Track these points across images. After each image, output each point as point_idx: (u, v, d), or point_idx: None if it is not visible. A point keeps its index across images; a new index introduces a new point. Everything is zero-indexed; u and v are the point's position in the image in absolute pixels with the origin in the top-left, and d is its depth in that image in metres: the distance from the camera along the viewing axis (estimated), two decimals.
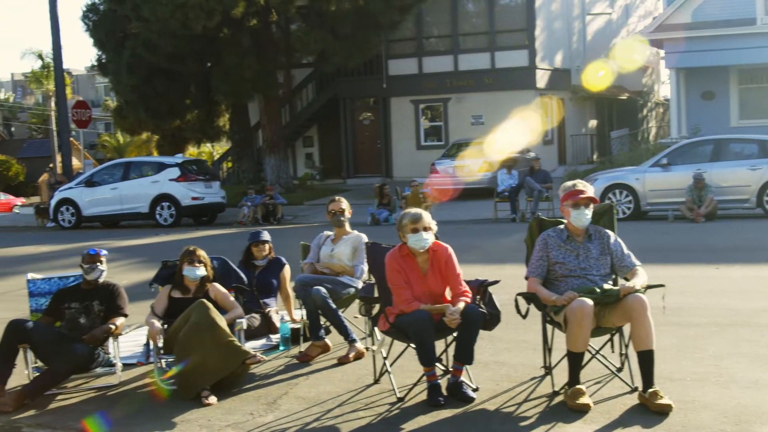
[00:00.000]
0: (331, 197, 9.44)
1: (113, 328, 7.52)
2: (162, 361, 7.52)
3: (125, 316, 7.79)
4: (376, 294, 7.37)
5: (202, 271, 7.93)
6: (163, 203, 26.63)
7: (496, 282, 7.02)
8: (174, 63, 30.44)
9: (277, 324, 9.02)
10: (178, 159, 28.62)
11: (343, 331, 8.17)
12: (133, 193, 26.99)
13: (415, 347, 6.65)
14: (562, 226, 6.84)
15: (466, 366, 6.76)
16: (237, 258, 9.39)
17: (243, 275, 8.86)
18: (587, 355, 6.49)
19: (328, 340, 8.34)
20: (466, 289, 6.77)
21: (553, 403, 6.42)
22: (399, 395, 6.74)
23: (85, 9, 33.70)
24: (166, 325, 7.62)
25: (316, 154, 39.37)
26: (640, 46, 38.63)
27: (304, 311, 8.39)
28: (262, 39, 31.68)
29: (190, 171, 27.36)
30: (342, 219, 8.95)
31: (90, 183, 27.71)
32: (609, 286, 6.46)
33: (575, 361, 6.31)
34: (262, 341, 8.84)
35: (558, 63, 36.73)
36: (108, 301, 7.73)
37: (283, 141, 34.11)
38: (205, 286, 7.96)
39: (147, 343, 7.83)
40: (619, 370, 6.86)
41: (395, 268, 6.79)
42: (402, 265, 6.79)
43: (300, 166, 38.88)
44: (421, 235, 6.74)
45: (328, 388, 7.16)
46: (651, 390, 6.09)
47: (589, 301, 6.22)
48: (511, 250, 14.95)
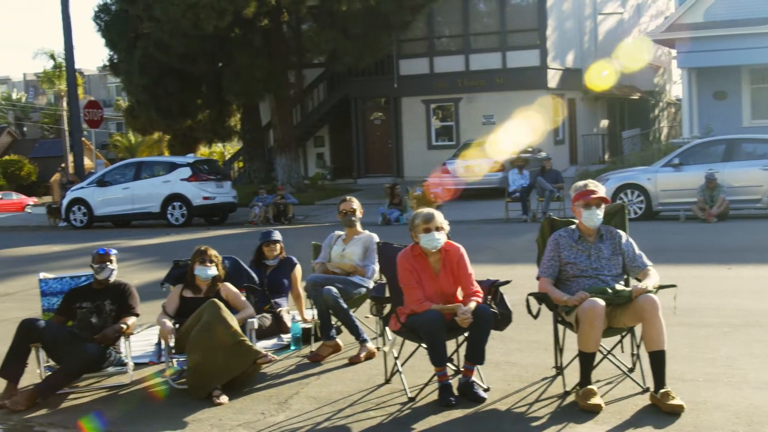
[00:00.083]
0: (342, 197, 9.44)
1: (125, 327, 7.54)
2: (173, 360, 7.55)
3: (137, 315, 7.81)
4: (387, 294, 7.38)
5: (213, 271, 7.94)
6: (174, 203, 26.69)
7: (508, 282, 7.01)
8: (185, 63, 30.51)
9: (288, 324, 9.03)
10: (190, 159, 28.64)
11: (354, 331, 8.17)
12: (144, 193, 27.04)
13: (426, 347, 6.65)
14: (574, 226, 6.82)
15: (478, 366, 6.76)
16: (248, 258, 9.39)
17: (254, 275, 8.86)
18: (599, 356, 6.47)
19: (339, 340, 8.34)
20: (478, 289, 6.77)
21: (565, 403, 6.41)
22: (410, 395, 6.73)
23: (96, 9, 33.81)
24: (177, 325, 7.63)
25: (327, 153, 39.37)
26: (645, 46, 38.59)
27: (315, 311, 8.39)
28: (273, 39, 31.71)
29: (202, 171, 27.40)
30: (353, 219, 8.95)
31: (102, 183, 27.79)
32: (621, 287, 6.44)
33: (587, 362, 6.30)
34: (273, 341, 8.85)
35: (569, 63, 36.65)
36: (119, 301, 7.75)
37: (294, 141, 34.13)
38: (216, 285, 7.97)
39: (158, 343, 7.84)
40: (631, 370, 6.85)
41: (407, 267, 6.78)
42: (414, 265, 6.79)
43: (311, 165, 38.89)
44: (434, 235, 6.74)
45: (339, 388, 7.16)
46: (663, 390, 6.08)
47: (601, 302, 6.20)
48: (523, 250, 14.92)
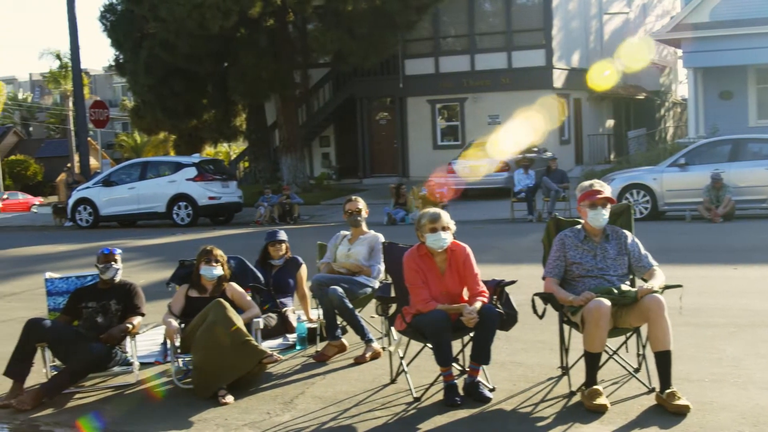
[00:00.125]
0: (347, 197, 9.44)
1: (130, 327, 7.55)
2: (179, 360, 7.55)
3: (142, 315, 7.81)
4: (393, 294, 7.37)
5: (219, 271, 7.95)
6: (180, 203, 26.69)
7: (513, 282, 7.00)
8: (191, 63, 30.54)
9: (294, 323, 9.04)
10: (195, 159, 28.63)
11: (360, 331, 8.17)
12: (150, 193, 27.06)
13: (431, 347, 6.65)
14: (580, 226, 6.82)
15: (483, 366, 6.75)
16: (254, 257, 9.39)
17: (260, 275, 8.86)
18: (604, 356, 6.46)
19: (344, 340, 8.34)
20: (484, 289, 6.76)
21: (570, 403, 6.40)
22: (415, 395, 6.73)
23: (102, 9, 33.85)
24: (183, 325, 7.65)
25: (332, 153, 39.38)
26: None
27: (321, 311, 8.39)
28: (278, 39, 31.72)
29: (207, 171, 27.41)
30: (359, 219, 8.95)
31: (107, 183, 27.81)
32: (626, 287, 6.44)
33: (592, 362, 6.30)
34: (279, 341, 8.84)
35: (575, 63, 36.62)
36: (125, 301, 7.75)
37: (299, 141, 34.15)
38: (222, 285, 7.97)
39: (164, 342, 7.84)
40: (637, 370, 6.84)
41: (413, 267, 6.78)
42: (420, 265, 6.79)
43: (316, 165, 38.90)
44: (440, 235, 6.74)
45: (345, 388, 7.16)
46: (668, 391, 6.07)
47: (607, 302, 6.20)
48: (528, 250, 14.90)
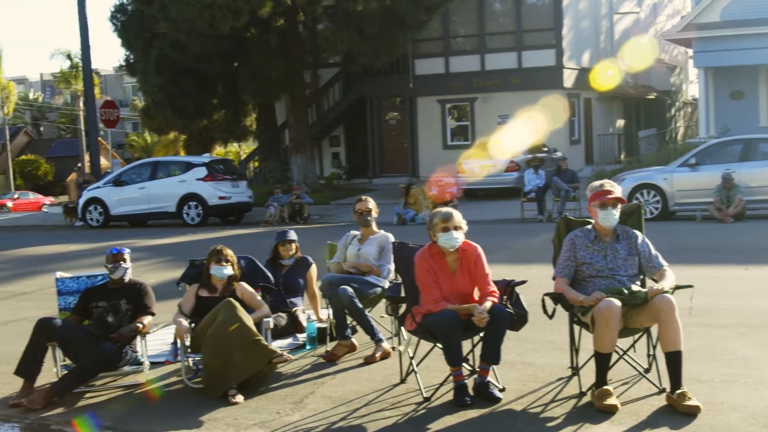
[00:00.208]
0: (357, 197, 9.45)
1: (141, 326, 7.56)
2: (189, 359, 7.57)
3: (152, 314, 7.82)
4: (403, 294, 7.37)
5: (229, 270, 7.96)
6: (190, 202, 26.73)
7: (523, 282, 7.00)
8: (201, 63, 30.58)
9: (304, 323, 9.04)
10: (205, 158, 28.67)
11: (370, 331, 8.17)
12: (160, 193, 27.11)
13: (441, 347, 6.65)
14: (590, 227, 6.81)
15: (493, 366, 6.75)
16: (264, 257, 9.40)
17: (270, 274, 8.86)
18: (614, 356, 6.46)
19: (354, 340, 8.35)
20: (494, 289, 6.76)
21: (580, 403, 6.39)
22: (425, 395, 6.73)
23: (113, 10, 33.89)
24: (193, 324, 7.66)
25: (342, 153, 39.42)
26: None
27: (331, 310, 8.40)
28: (289, 39, 31.74)
29: (217, 170, 27.44)
30: (369, 219, 8.96)
31: (118, 182, 27.86)
32: (637, 287, 6.43)
33: (602, 362, 6.28)
34: (289, 340, 8.85)
35: (585, 62, 36.55)
36: (135, 300, 7.77)
37: (309, 140, 34.17)
38: (232, 285, 7.98)
39: (174, 342, 7.86)
40: (647, 371, 6.83)
41: (424, 267, 6.78)
42: (431, 264, 6.78)
43: (326, 165, 38.94)
44: (452, 234, 6.74)
45: (355, 388, 7.16)
46: (679, 391, 6.06)
47: (617, 302, 6.19)
48: (538, 250, 14.88)
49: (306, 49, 33.07)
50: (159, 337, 9.29)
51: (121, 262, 7.82)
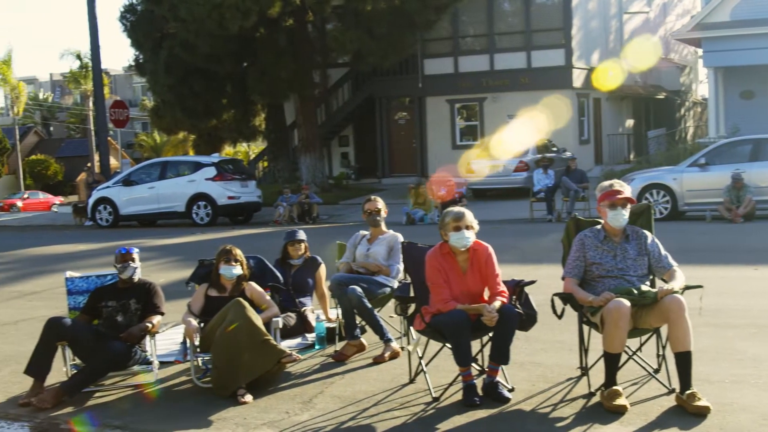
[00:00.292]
0: (366, 197, 9.45)
1: (150, 326, 7.57)
2: (198, 359, 7.58)
3: (162, 314, 7.84)
4: (412, 293, 7.37)
5: (238, 270, 7.97)
6: (199, 202, 26.75)
7: (533, 282, 6.99)
8: (210, 63, 30.62)
9: (313, 323, 9.05)
10: (215, 158, 28.70)
11: (379, 331, 8.17)
12: (169, 192, 27.14)
13: (450, 347, 6.65)
14: (599, 227, 6.80)
15: (502, 366, 6.74)
16: (273, 257, 9.41)
17: (279, 274, 8.87)
18: (624, 356, 6.44)
19: (363, 340, 8.34)
20: (504, 289, 6.75)
21: (590, 404, 6.38)
22: (434, 395, 6.73)
23: (122, 10, 33.95)
24: (202, 324, 7.67)
25: (351, 153, 39.43)
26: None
27: (340, 310, 8.40)
28: (298, 39, 31.75)
29: (227, 170, 27.45)
30: (378, 218, 8.95)
31: (127, 182, 27.90)
32: (646, 288, 6.41)
33: (612, 362, 6.27)
34: (298, 340, 8.85)
35: (595, 62, 36.46)
36: (144, 300, 7.78)
37: (318, 140, 34.19)
38: (241, 284, 7.99)
39: (184, 342, 7.87)
40: (656, 371, 6.82)
41: (435, 266, 6.78)
42: (442, 264, 6.78)
43: (335, 165, 38.96)
44: (463, 234, 6.73)
45: (364, 388, 7.17)
46: (688, 392, 6.05)
47: (626, 302, 6.18)
48: (548, 251, 14.87)
49: (315, 48, 33.08)
50: (168, 336, 9.31)
51: (130, 262, 7.84)
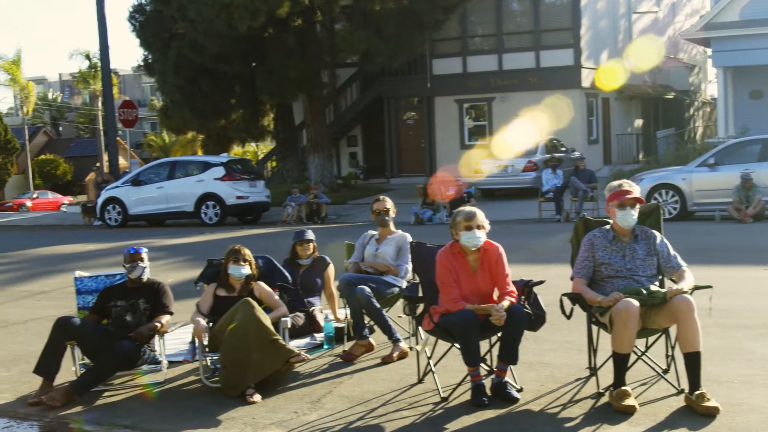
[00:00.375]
0: (375, 197, 9.45)
1: (159, 325, 7.59)
2: (207, 358, 7.59)
3: (171, 314, 7.85)
4: (420, 293, 7.37)
5: (246, 270, 7.97)
6: (208, 202, 26.78)
7: (541, 282, 6.99)
8: (219, 63, 30.66)
9: (322, 323, 9.05)
10: (223, 158, 28.70)
11: (387, 331, 8.17)
12: (178, 192, 27.18)
13: (459, 347, 6.64)
14: (608, 227, 6.79)
15: (511, 366, 6.74)
16: (281, 257, 9.42)
17: (287, 274, 8.88)
18: (633, 357, 6.43)
19: (372, 340, 8.35)
20: (513, 289, 6.75)
21: (598, 404, 6.38)
22: (443, 395, 6.72)
23: (131, 10, 34.04)
24: (211, 323, 7.68)
25: (360, 153, 39.42)
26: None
27: (348, 310, 8.40)
28: (306, 39, 31.78)
29: (235, 170, 27.47)
30: (386, 218, 8.95)
31: (136, 182, 27.95)
32: (655, 288, 6.40)
33: (621, 363, 6.26)
34: (306, 340, 8.86)
35: (604, 62, 36.40)
36: (153, 299, 7.80)
37: (327, 140, 34.19)
38: (250, 284, 8.00)
39: (192, 341, 7.88)
40: (666, 371, 6.80)
41: (445, 265, 6.78)
42: (453, 263, 6.78)
43: (344, 165, 38.96)
44: (474, 233, 6.72)
45: (372, 387, 7.17)
46: (698, 392, 6.03)
47: (635, 302, 6.16)
48: (556, 251, 14.86)
49: (323, 48, 33.10)
50: (177, 336, 9.32)
51: (139, 262, 7.86)
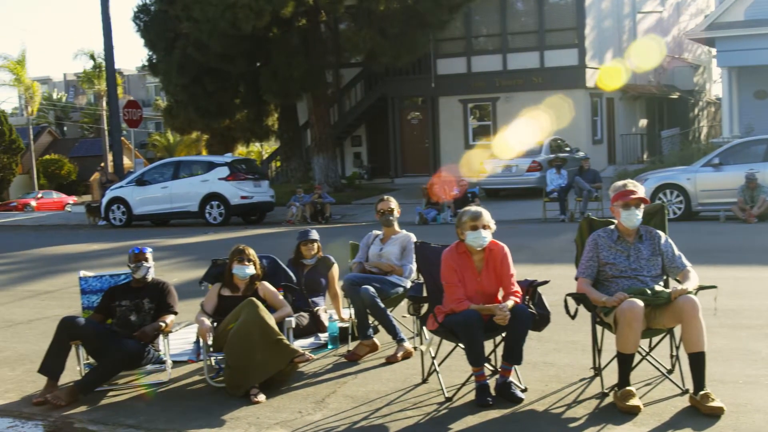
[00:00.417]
0: (379, 196, 9.45)
1: (163, 325, 7.60)
2: (211, 358, 7.59)
3: (175, 313, 7.86)
4: (425, 293, 7.37)
5: (251, 270, 7.98)
6: (212, 202, 26.79)
7: (546, 282, 6.98)
8: (223, 63, 30.66)
9: (326, 323, 9.06)
10: (228, 158, 28.72)
11: (392, 331, 8.17)
12: (182, 192, 27.18)
13: (463, 347, 6.64)
14: (613, 227, 6.78)
15: (515, 366, 6.73)
16: (286, 257, 9.43)
17: (292, 274, 8.88)
18: (637, 357, 6.43)
19: (376, 339, 8.35)
20: (517, 289, 6.75)
21: (603, 404, 6.37)
22: (447, 395, 6.72)
23: (136, 10, 34.07)
24: (215, 323, 7.68)
25: (364, 153, 39.42)
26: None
27: (353, 310, 8.41)
28: (311, 39, 31.79)
29: (240, 170, 27.46)
30: (391, 218, 8.95)
31: (141, 182, 27.96)
32: (660, 288, 6.40)
33: (625, 363, 6.26)
34: (311, 340, 8.87)
35: (608, 62, 36.37)
36: (158, 299, 7.81)
37: (331, 140, 34.19)
38: (254, 284, 8.00)
39: (197, 341, 7.88)
40: (670, 372, 6.80)
41: (450, 265, 6.78)
42: (458, 263, 6.78)
43: (348, 165, 38.95)
44: (480, 233, 6.72)
45: (376, 387, 7.17)
46: (702, 392, 6.03)
47: (640, 303, 6.16)
48: (561, 251, 14.86)
49: (328, 48, 33.10)
50: (181, 336, 9.32)
51: (144, 262, 7.87)
